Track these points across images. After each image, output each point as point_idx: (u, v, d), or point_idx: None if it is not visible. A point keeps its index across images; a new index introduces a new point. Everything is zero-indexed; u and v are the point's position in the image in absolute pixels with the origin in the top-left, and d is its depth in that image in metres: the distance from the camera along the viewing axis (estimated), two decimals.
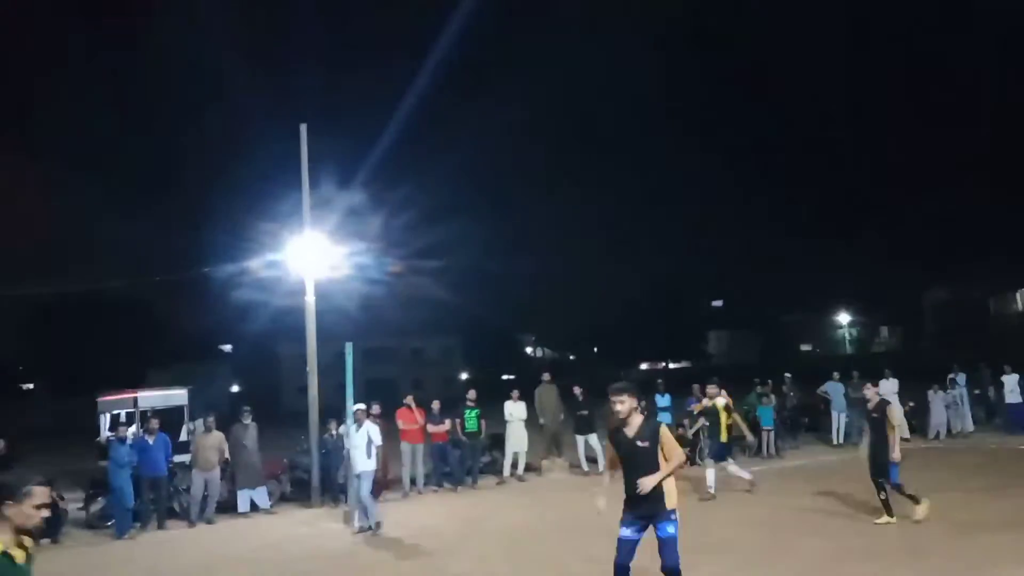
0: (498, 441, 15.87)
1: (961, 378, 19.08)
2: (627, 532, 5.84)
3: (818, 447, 18.11)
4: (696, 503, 11.67)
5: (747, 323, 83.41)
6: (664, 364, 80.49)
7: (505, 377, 58.55)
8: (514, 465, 15.42)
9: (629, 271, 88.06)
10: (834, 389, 18.44)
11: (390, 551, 10.05)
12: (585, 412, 15.79)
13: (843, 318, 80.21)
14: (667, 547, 5.70)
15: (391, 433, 14.68)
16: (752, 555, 8.51)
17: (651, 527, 5.80)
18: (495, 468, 15.69)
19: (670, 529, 5.72)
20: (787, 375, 19.85)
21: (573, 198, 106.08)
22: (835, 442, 17.99)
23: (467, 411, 15.11)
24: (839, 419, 18.19)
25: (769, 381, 18.37)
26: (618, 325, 76.66)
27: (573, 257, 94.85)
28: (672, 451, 5.85)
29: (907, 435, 18.00)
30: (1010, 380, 18.26)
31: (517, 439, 15.37)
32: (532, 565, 8.85)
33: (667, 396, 17.76)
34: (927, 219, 65.75)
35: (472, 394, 15.47)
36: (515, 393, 15.69)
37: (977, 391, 19.72)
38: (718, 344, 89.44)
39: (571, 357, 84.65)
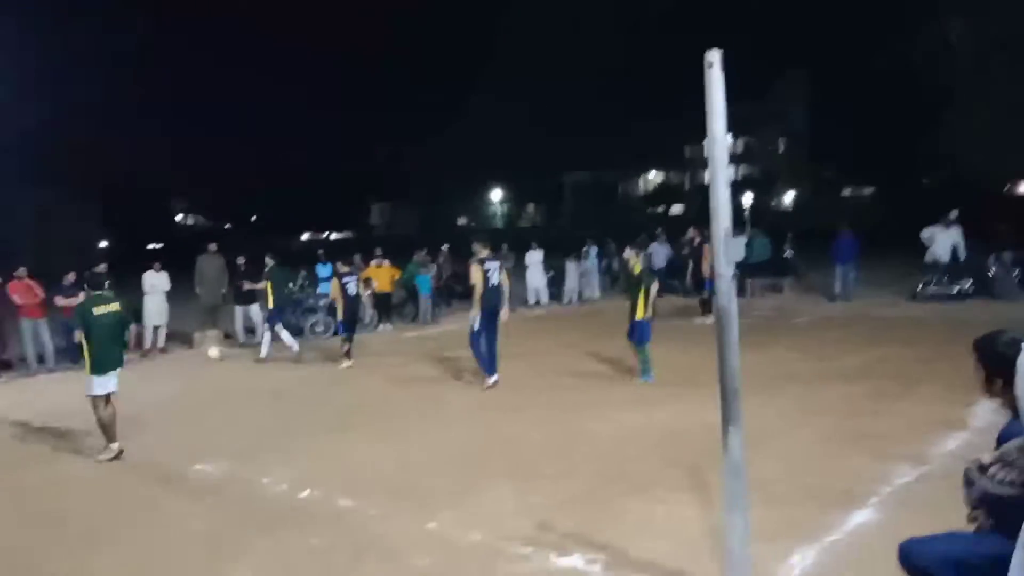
0: (136, 313, 14.82)
1: (593, 250, 21.36)
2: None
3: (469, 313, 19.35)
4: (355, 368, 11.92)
5: (408, 196, 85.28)
6: (326, 234, 79.99)
7: (152, 247, 54.27)
8: (155, 338, 14.54)
9: (293, 136, 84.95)
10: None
11: (19, 430, 8.99)
12: (246, 282, 15.37)
13: (495, 195, 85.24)
14: None
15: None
16: (399, 412, 8.95)
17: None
18: (140, 342, 14.67)
19: None
20: (444, 246, 20.76)
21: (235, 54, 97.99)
22: None
23: None
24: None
25: (425, 251, 19.05)
26: (279, 194, 74.18)
27: (231, 121, 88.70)
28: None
29: (545, 301, 19.94)
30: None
31: (156, 311, 14.47)
32: (178, 433, 8.46)
33: (328, 265, 17.68)
34: (564, 105, 71.17)
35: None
36: (156, 264, 14.75)
37: (604, 262, 22.25)
38: (380, 215, 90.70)
39: (227, 226, 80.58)
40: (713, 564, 4.54)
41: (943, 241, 16.86)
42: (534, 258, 19.84)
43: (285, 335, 13.35)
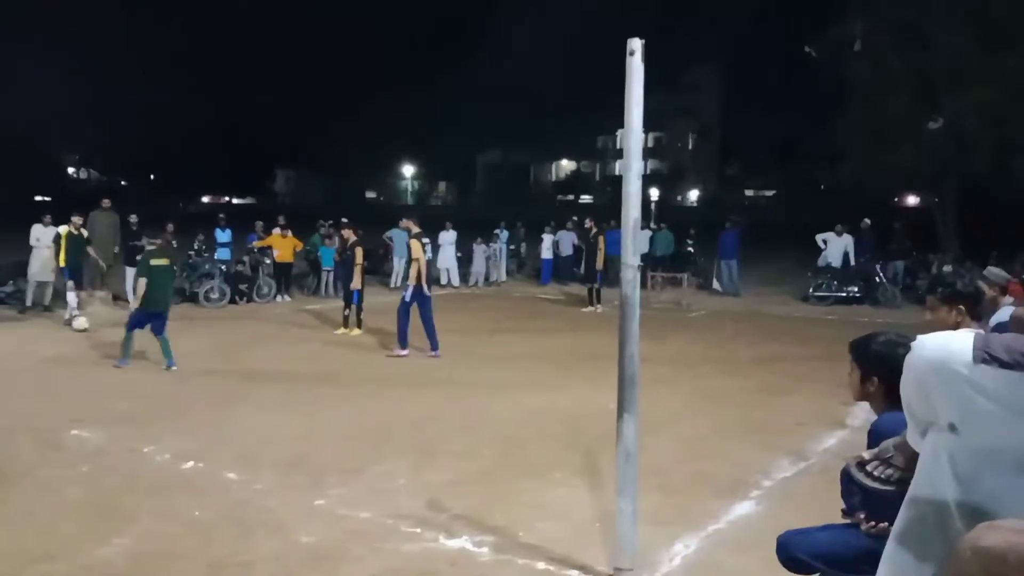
0: (22, 268, 14.01)
1: (504, 235, 21.38)
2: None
3: (375, 288, 19.07)
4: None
5: (316, 164, 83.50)
6: (228, 199, 77.52)
7: (39, 199, 51.43)
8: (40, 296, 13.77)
9: (196, 96, 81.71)
10: (398, 236, 19.39)
11: None
12: (140, 242, 14.71)
13: (407, 170, 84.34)
14: None
15: None
16: (295, 386, 8.76)
17: None
18: (17, 298, 13.87)
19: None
20: (344, 220, 20.33)
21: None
22: (392, 284, 19.06)
23: None
24: (399, 263, 19.25)
25: (332, 223, 18.65)
26: (180, 153, 71.37)
27: (133, 72, 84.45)
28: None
29: (456, 283, 19.80)
30: (547, 239, 20.92)
31: (42, 267, 13.70)
32: (57, 397, 8.03)
33: (228, 231, 17.12)
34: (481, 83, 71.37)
35: None
36: (46, 217, 13.94)
37: (512, 246, 22.33)
38: (285, 183, 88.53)
39: (123, 183, 77.09)
40: (601, 549, 4.61)
41: (836, 246, 17.65)
42: (447, 238, 19.63)
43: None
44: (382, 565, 4.47)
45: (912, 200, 37.27)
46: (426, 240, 10.63)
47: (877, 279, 16.91)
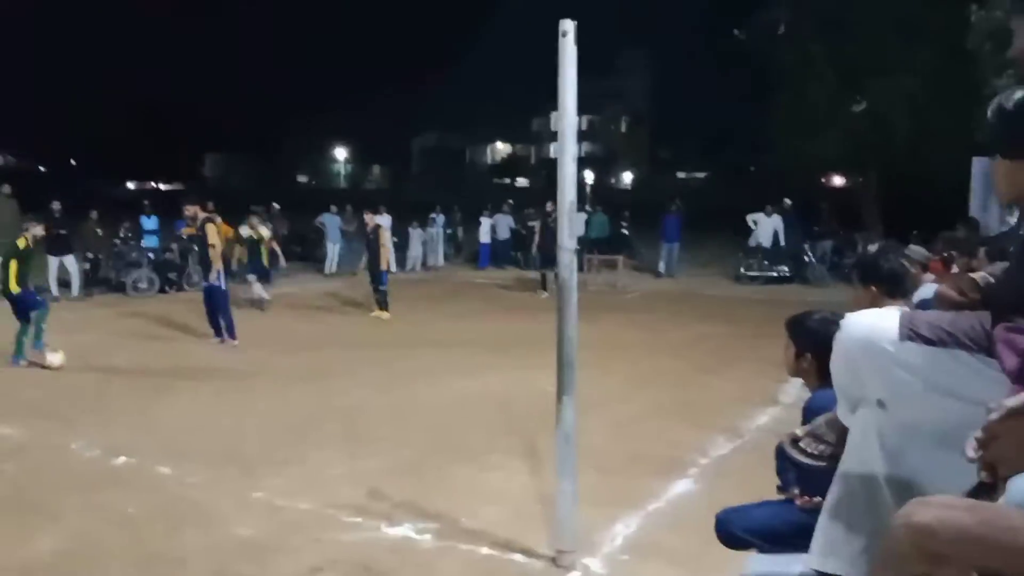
0: None
1: (440, 219, 21.25)
2: None
3: (309, 275, 18.80)
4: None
5: (246, 148, 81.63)
6: (154, 184, 75.21)
7: None
8: None
9: (119, 76, 79.05)
10: (331, 221, 19.13)
11: None
12: (63, 231, 14.15)
13: (340, 153, 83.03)
14: None
15: None
16: (225, 376, 8.60)
17: None
18: None
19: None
20: (275, 205, 19.98)
21: None
22: (327, 271, 18.80)
23: None
24: (333, 249, 19.01)
25: (264, 208, 18.31)
26: (102, 136, 68.91)
27: (48, 47, 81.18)
28: None
29: (394, 268, 19.59)
30: (485, 222, 20.83)
31: None
32: None
33: (154, 218, 16.61)
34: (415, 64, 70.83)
35: None
36: None
37: (448, 230, 22.21)
38: (214, 167, 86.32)
39: (41, 168, 74.10)
40: (543, 531, 4.63)
41: (766, 227, 18.03)
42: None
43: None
44: (322, 556, 4.41)
45: (839, 181, 38.26)
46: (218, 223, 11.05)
47: (805, 258, 17.35)
